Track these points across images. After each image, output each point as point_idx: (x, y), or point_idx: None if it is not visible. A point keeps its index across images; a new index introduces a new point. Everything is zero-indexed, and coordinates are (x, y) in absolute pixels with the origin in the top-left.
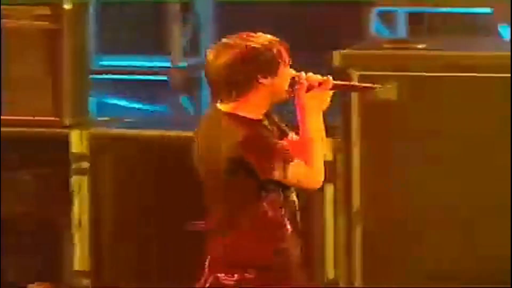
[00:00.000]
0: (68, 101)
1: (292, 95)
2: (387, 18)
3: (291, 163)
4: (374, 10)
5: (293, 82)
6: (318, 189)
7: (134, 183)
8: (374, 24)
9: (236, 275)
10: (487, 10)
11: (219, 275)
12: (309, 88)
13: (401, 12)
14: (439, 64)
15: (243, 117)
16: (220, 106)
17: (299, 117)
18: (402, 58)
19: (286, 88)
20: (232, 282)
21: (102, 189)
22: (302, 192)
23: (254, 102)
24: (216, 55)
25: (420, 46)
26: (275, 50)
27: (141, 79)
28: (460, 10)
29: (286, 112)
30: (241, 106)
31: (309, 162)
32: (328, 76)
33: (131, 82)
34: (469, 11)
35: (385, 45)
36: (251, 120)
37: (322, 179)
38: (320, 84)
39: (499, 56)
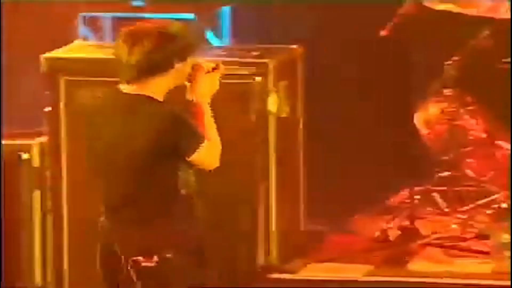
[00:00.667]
0: None
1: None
2: (93, 23)
3: (202, 144)
4: (80, 15)
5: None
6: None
7: None
8: (80, 29)
9: (155, 257)
10: (190, 16)
11: (137, 258)
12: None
13: (108, 17)
14: None
15: (154, 98)
16: (122, 87)
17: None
18: (108, 63)
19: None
20: (153, 264)
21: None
22: None
23: (161, 85)
24: (132, 39)
25: None
26: (188, 37)
27: None
28: (164, 15)
29: None
30: (147, 87)
31: (211, 142)
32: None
33: None
34: (172, 16)
35: (92, 50)
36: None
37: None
38: (214, 69)
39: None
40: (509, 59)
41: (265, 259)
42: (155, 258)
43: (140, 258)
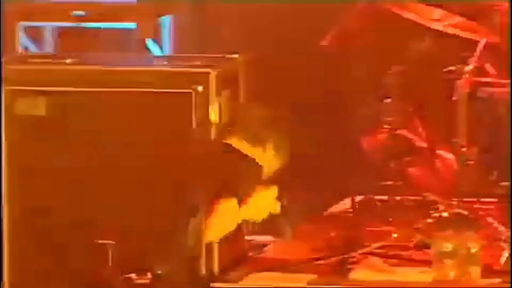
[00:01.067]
0: None
1: None
2: (34, 33)
3: None
4: (21, 24)
5: None
6: None
7: None
8: (20, 39)
9: (149, 274)
10: (132, 25)
11: (130, 276)
12: None
13: (49, 27)
14: (88, 79)
15: None
16: None
17: None
18: (50, 73)
19: None
20: (147, 281)
21: None
22: None
23: None
24: None
25: (68, 61)
26: None
27: None
28: (107, 25)
29: None
30: None
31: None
32: None
33: None
34: (115, 26)
35: (33, 60)
36: None
37: None
38: None
39: (148, 72)
40: (450, 68)
41: (207, 268)
42: (149, 275)
43: (133, 275)
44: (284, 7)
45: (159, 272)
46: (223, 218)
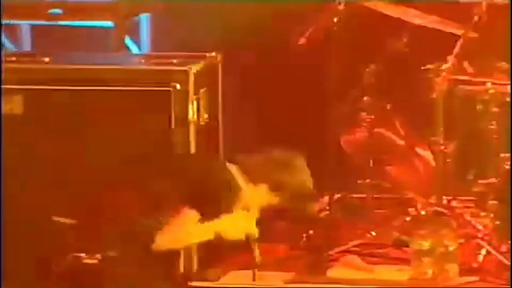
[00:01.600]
0: None
1: None
2: (11, 31)
3: None
4: None
5: None
6: None
7: None
8: None
9: (98, 255)
10: (109, 24)
11: (79, 255)
12: None
13: (26, 25)
14: (64, 78)
15: None
16: None
17: None
18: (27, 71)
19: None
20: (95, 261)
21: None
22: None
23: None
24: None
25: (45, 59)
26: None
27: None
28: (82, 23)
29: None
30: None
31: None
32: None
33: None
34: (92, 24)
35: (10, 58)
36: None
37: None
38: None
39: (127, 70)
40: (428, 66)
41: (185, 266)
42: (98, 256)
43: (83, 254)
44: (263, 6)
45: (111, 254)
46: (179, 228)
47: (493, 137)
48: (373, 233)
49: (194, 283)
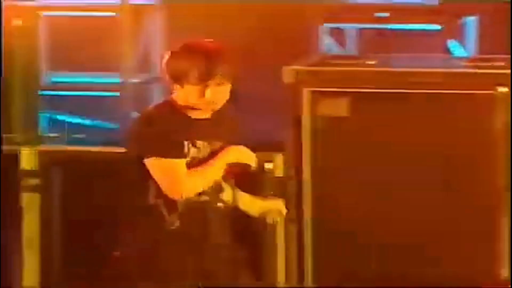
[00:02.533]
0: (18, 117)
1: None
2: (336, 35)
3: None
4: (324, 27)
5: None
6: None
7: (84, 200)
8: (323, 41)
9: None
10: (436, 27)
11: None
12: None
13: (351, 29)
14: (389, 81)
15: None
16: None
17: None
18: (352, 74)
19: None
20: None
21: (52, 206)
22: None
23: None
24: None
25: (370, 62)
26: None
27: (92, 95)
28: (409, 27)
29: None
30: None
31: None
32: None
33: (82, 98)
34: (418, 27)
35: (335, 62)
36: None
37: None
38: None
39: (448, 73)
40: None
41: None
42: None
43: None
44: None
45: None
46: None
47: None
48: None
49: None
